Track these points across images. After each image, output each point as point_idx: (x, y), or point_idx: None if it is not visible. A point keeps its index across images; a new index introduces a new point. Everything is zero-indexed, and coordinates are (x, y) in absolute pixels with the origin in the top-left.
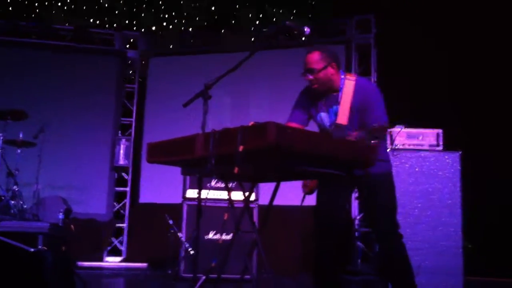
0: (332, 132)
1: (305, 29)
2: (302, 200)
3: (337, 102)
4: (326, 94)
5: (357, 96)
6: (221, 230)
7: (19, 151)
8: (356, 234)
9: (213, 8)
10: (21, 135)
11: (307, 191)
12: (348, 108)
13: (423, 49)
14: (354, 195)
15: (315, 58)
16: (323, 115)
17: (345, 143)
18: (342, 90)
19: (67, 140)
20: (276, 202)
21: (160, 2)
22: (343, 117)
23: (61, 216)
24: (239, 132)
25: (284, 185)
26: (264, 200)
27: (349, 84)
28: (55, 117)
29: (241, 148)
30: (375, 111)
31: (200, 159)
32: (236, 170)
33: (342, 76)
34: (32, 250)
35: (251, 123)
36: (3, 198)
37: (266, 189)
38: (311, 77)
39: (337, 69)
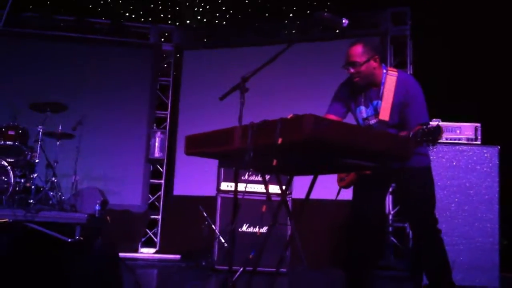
0: (372, 126)
1: (343, 21)
2: (337, 194)
3: (378, 97)
4: (367, 88)
5: (398, 91)
6: (258, 223)
7: (58, 143)
8: (390, 229)
9: (247, 1)
10: (60, 128)
11: (344, 185)
12: (390, 104)
13: (460, 42)
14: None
15: (358, 50)
16: (363, 109)
17: (381, 135)
18: (384, 85)
19: (104, 132)
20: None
21: None
22: (385, 113)
23: (97, 207)
24: (278, 124)
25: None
26: (298, 194)
27: (391, 79)
28: (92, 110)
29: (279, 140)
30: (415, 108)
31: (237, 151)
32: (274, 162)
33: (384, 71)
34: (69, 240)
35: (290, 116)
36: (42, 189)
37: (299, 183)
38: (353, 70)
39: (379, 63)
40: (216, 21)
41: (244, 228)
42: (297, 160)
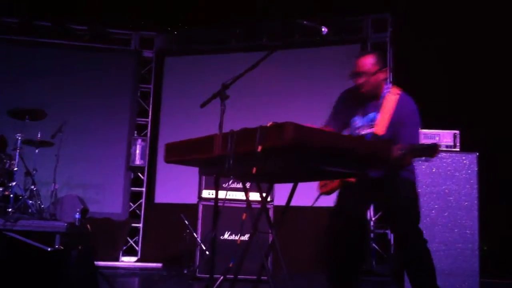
0: (363, 137)
1: (322, 29)
2: (315, 201)
3: (375, 109)
4: (368, 100)
5: (398, 110)
6: (239, 231)
7: (37, 150)
8: (371, 235)
9: (229, 7)
10: (39, 135)
11: (325, 191)
12: (388, 120)
13: (441, 48)
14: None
15: (370, 61)
16: (357, 119)
17: (362, 142)
18: (383, 99)
19: (84, 140)
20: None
21: (176, 2)
22: (381, 128)
23: (78, 215)
24: (257, 131)
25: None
26: (279, 201)
27: (393, 96)
28: (72, 117)
29: (259, 148)
30: (410, 129)
31: (218, 158)
32: (254, 170)
33: (386, 86)
34: (49, 249)
35: (269, 123)
36: (21, 197)
37: (281, 190)
38: (361, 80)
39: (385, 76)
40: (198, 27)
41: (226, 236)
42: (277, 168)
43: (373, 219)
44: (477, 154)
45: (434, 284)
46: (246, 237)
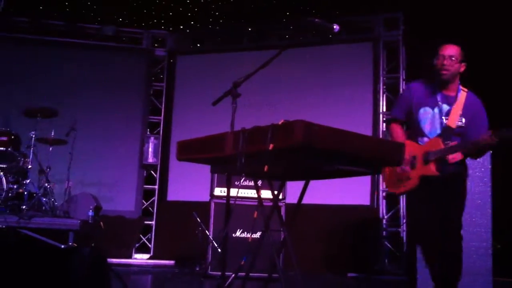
0: (440, 132)
1: (334, 27)
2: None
3: (448, 103)
4: (441, 88)
5: (467, 105)
6: (250, 229)
7: (50, 148)
8: (384, 233)
9: (240, 6)
10: (52, 133)
11: (402, 192)
12: (459, 114)
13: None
14: (382, 194)
15: (458, 50)
16: (428, 109)
17: (372, 141)
18: (458, 94)
19: (97, 138)
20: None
21: (188, 1)
22: (453, 120)
23: (91, 213)
24: (269, 130)
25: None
26: (291, 199)
27: (463, 93)
28: (85, 116)
29: (271, 146)
30: (481, 126)
31: (229, 157)
32: (266, 168)
33: (459, 83)
34: (62, 246)
35: (281, 121)
36: (35, 195)
37: (293, 188)
38: (448, 61)
39: (463, 70)
40: (209, 26)
41: (238, 233)
42: (289, 166)
43: (385, 217)
44: (491, 152)
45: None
46: (257, 235)
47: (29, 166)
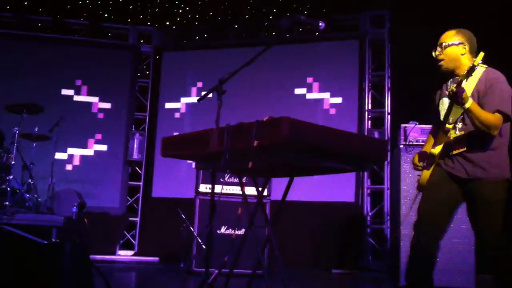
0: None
1: (320, 24)
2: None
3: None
4: (452, 76)
5: (480, 82)
6: (235, 225)
7: (34, 144)
8: (368, 230)
9: (226, 2)
10: (36, 129)
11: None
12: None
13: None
14: (367, 191)
15: (449, 34)
16: (445, 100)
17: (358, 138)
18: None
19: (81, 134)
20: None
21: None
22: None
23: (75, 209)
24: (254, 126)
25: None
26: (276, 196)
27: (478, 71)
28: (69, 111)
29: (255, 143)
30: (492, 96)
31: (214, 153)
32: (250, 164)
33: (474, 64)
34: (45, 242)
35: (266, 118)
36: (18, 191)
37: (278, 184)
38: (437, 50)
39: (469, 52)
40: (196, 23)
41: (223, 230)
42: (274, 163)
43: (369, 214)
44: None
45: None
46: (242, 232)
47: (13, 162)
